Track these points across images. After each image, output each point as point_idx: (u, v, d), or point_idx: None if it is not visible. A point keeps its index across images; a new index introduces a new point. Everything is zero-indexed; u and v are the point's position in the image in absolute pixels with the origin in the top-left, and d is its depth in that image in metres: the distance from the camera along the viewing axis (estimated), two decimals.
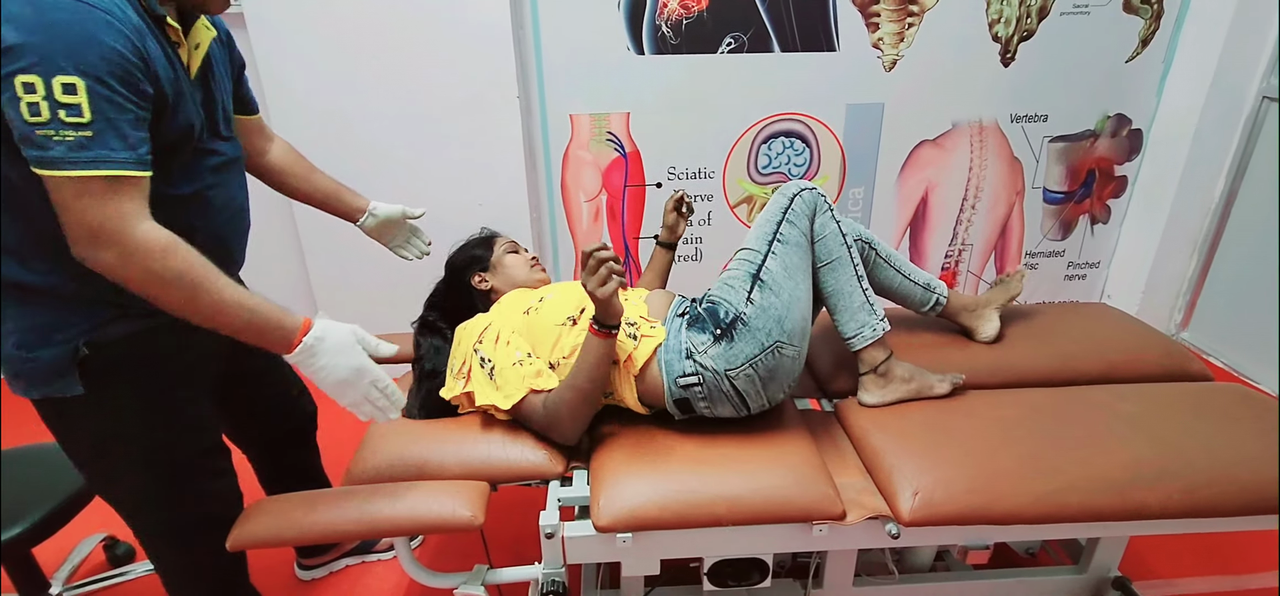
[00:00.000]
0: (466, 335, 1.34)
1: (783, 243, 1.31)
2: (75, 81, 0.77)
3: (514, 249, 1.56)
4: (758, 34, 2.23)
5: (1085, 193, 2.63)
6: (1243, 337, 2.46)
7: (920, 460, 1.18)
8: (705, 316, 1.29)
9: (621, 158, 2.41)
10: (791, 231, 1.33)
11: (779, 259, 1.30)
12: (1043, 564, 1.65)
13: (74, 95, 0.77)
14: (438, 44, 2.10)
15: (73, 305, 0.94)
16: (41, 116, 0.76)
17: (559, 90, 2.29)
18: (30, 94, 0.75)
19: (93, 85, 0.78)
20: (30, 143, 0.78)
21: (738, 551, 1.21)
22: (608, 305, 1.13)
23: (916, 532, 1.15)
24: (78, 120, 0.78)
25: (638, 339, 1.29)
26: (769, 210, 1.36)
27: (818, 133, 2.42)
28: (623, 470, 1.16)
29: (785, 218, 1.33)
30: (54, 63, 0.76)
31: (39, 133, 0.77)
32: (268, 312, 0.95)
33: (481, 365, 1.27)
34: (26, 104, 0.76)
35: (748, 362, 1.23)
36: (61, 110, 0.77)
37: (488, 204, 2.31)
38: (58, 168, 0.78)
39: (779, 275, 1.28)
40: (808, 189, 1.36)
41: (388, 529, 1.11)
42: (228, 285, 0.91)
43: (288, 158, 1.37)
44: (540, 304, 1.34)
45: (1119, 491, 1.12)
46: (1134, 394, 1.38)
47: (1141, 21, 2.32)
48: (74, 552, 1.68)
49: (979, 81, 2.37)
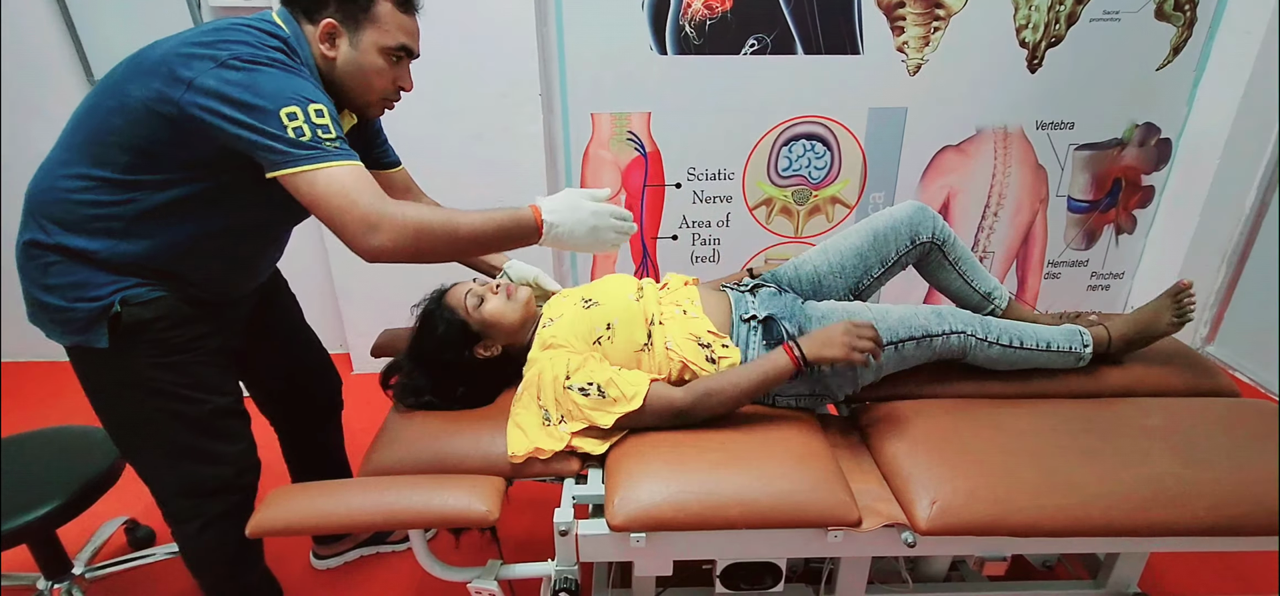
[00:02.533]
0: (547, 384, 1.24)
1: (900, 353, 1.34)
2: (323, 108, 0.99)
3: (481, 295, 1.37)
4: (781, 35, 2.22)
5: (1110, 202, 2.59)
6: (1271, 353, 2.41)
7: (938, 469, 1.17)
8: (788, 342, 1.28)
9: (641, 157, 2.41)
10: (917, 351, 1.35)
11: (886, 357, 1.33)
12: (1060, 577, 1.63)
13: (324, 117, 0.99)
14: (461, 41, 2.12)
15: (107, 269, 1.06)
16: (306, 136, 0.97)
17: (581, 89, 2.29)
18: (293, 120, 0.96)
19: (330, 112, 1.01)
20: (301, 149, 0.96)
21: (751, 555, 1.21)
22: (835, 363, 1.20)
23: (933, 542, 1.14)
24: (329, 135, 0.99)
25: (716, 362, 1.28)
26: (917, 315, 1.36)
27: (839, 136, 2.41)
28: (638, 470, 1.16)
29: (923, 340, 1.34)
30: (306, 98, 0.98)
31: (306, 143, 0.97)
32: (508, 218, 1.12)
33: (584, 394, 1.21)
34: (293, 129, 0.96)
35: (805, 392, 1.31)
36: (319, 128, 0.98)
37: (508, 201, 2.31)
38: (331, 160, 0.98)
39: (876, 365, 1.32)
40: (966, 333, 1.35)
41: (403, 521, 1.12)
42: (467, 213, 1.08)
43: None
44: (609, 333, 1.30)
45: (1141, 508, 1.10)
46: (1159, 408, 1.35)
47: (1173, 29, 2.28)
48: (96, 534, 1.71)
49: (1004, 87, 2.34)
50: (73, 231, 1.05)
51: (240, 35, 1.01)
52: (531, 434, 1.22)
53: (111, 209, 1.04)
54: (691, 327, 1.31)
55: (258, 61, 0.98)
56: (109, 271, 1.06)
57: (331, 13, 1.09)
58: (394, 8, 1.12)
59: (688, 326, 1.32)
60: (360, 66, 1.12)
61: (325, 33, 1.09)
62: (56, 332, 1.11)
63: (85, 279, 1.06)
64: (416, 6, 1.17)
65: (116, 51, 2.36)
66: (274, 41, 1.03)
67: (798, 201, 2.52)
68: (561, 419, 1.23)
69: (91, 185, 1.04)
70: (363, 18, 1.10)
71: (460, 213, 1.08)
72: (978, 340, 1.36)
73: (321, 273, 2.49)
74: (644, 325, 1.31)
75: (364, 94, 1.16)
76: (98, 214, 1.04)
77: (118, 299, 1.06)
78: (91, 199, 1.04)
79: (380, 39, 1.12)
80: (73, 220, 1.05)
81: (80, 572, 1.58)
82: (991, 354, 1.37)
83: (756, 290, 1.45)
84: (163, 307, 1.10)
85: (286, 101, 0.96)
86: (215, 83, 0.96)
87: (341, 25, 1.10)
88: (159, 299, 1.10)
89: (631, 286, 1.42)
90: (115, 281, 1.07)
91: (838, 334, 1.20)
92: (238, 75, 0.96)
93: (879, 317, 1.33)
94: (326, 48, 1.10)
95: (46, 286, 1.07)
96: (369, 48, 1.12)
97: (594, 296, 1.39)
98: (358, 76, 1.13)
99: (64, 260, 1.06)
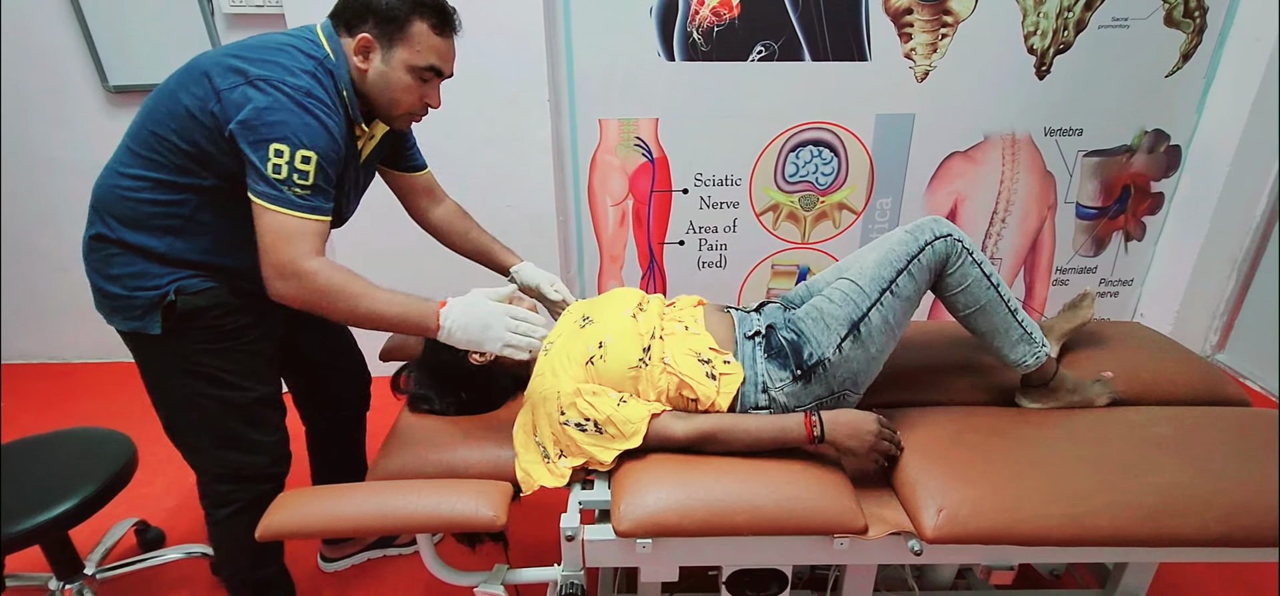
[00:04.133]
0: (542, 419, 1.23)
1: (895, 294, 1.24)
2: (311, 156, 1.06)
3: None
4: (789, 42, 2.22)
5: (1120, 208, 2.58)
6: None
7: (946, 477, 1.17)
8: (787, 350, 1.26)
9: (649, 163, 2.42)
10: (908, 284, 1.25)
11: (884, 311, 1.24)
12: (1067, 586, 1.63)
13: (308, 165, 1.06)
14: (470, 46, 2.10)
15: (165, 262, 1.16)
16: (282, 175, 1.05)
17: (589, 94, 2.30)
18: (278, 158, 1.04)
19: (319, 161, 1.08)
20: (268, 185, 1.05)
21: (757, 561, 1.21)
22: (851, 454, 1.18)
23: (940, 550, 1.13)
24: (305, 183, 1.07)
25: (717, 379, 1.24)
26: (892, 247, 1.26)
27: (846, 142, 2.41)
28: (644, 476, 1.16)
29: (908, 267, 1.24)
30: (299, 142, 1.05)
31: (277, 181, 1.05)
32: (412, 306, 1.15)
33: (582, 430, 1.19)
34: (273, 165, 1.04)
35: (815, 401, 1.25)
36: (296, 174, 1.06)
37: (515, 206, 2.34)
38: (286, 206, 1.06)
39: (877, 329, 1.24)
40: (942, 238, 1.25)
41: (411, 525, 1.13)
42: (378, 292, 1.13)
43: (449, 218, 1.55)
44: (601, 351, 1.24)
45: (1150, 517, 1.09)
46: (1167, 417, 1.34)
47: (1183, 35, 2.27)
48: (107, 535, 1.73)
49: (1012, 94, 2.34)
50: (133, 228, 1.15)
51: (276, 56, 1.10)
52: (534, 474, 1.22)
53: (168, 208, 1.14)
54: (692, 344, 1.28)
55: (281, 87, 1.06)
56: (166, 264, 1.16)
57: (369, 28, 1.15)
58: (429, 29, 1.17)
59: (688, 343, 1.28)
60: (388, 81, 1.19)
61: (360, 46, 1.16)
62: (117, 319, 1.20)
63: (144, 269, 1.16)
64: (454, 29, 1.22)
65: (132, 56, 2.41)
66: (308, 64, 1.11)
67: (805, 207, 2.52)
68: (561, 454, 1.21)
69: (148, 185, 1.13)
70: (397, 35, 1.16)
71: (371, 293, 1.12)
72: (963, 248, 1.25)
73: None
74: (639, 344, 1.26)
75: (390, 108, 1.22)
76: (155, 212, 1.14)
77: (173, 288, 1.16)
78: (149, 198, 1.13)
79: (411, 57, 1.17)
80: (133, 218, 1.14)
81: (91, 573, 1.59)
82: (970, 274, 1.26)
83: (762, 308, 1.43)
84: (213, 297, 1.19)
85: (281, 138, 1.05)
86: (239, 97, 1.05)
87: (377, 41, 1.16)
88: (210, 289, 1.19)
89: (632, 303, 1.37)
90: (172, 273, 1.16)
91: (868, 429, 1.17)
92: (257, 96, 1.05)
93: (859, 274, 1.27)
94: (360, 61, 1.17)
95: (109, 276, 1.17)
96: (398, 65, 1.17)
97: (592, 314, 1.36)
98: (385, 90, 1.20)
99: (125, 253, 1.16)
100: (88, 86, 2.38)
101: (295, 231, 1.07)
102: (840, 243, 2.58)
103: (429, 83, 1.22)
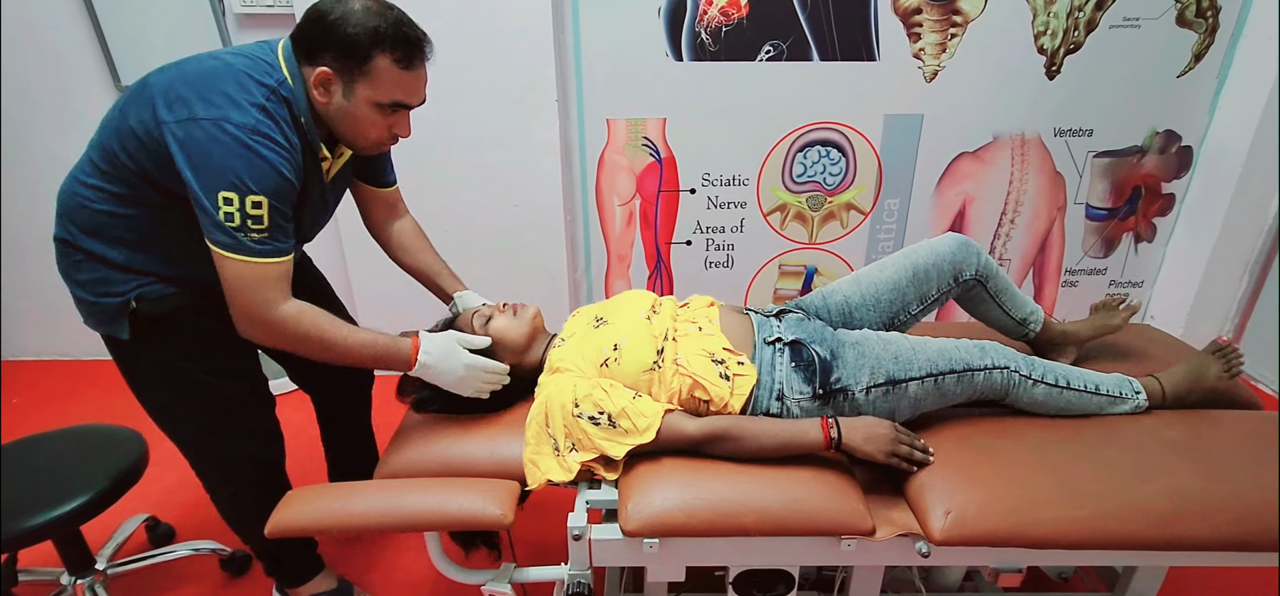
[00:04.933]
0: (555, 412, 1.21)
1: (939, 386, 1.26)
2: (262, 200, 1.04)
3: (489, 314, 1.37)
4: (797, 42, 2.22)
5: (1130, 210, 2.57)
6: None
7: (954, 479, 1.16)
8: (816, 367, 1.25)
9: (656, 163, 2.42)
10: (955, 386, 1.27)
11: (924, 390, 1.25)
12: (1076, 589, 1.62)
13: (260, 209, 1.04)
14: (478, 45, 2.14)
15: (124, 271, 1.15)
16: (235, 222, 1.03)
17: (597, 94, 2.30)
18: (228, 205, 1.02)
19: (271, 203, 1.05)
20: (222, 233, 1.03)
21: (764, 562, 1.21)
22: (870, 459, 1.17)
23: (948, 552, 1.13)
24: (259, 227, 1.05)
25: (730, 380, 1.24)
26: (958, 348, 1.28)
27: (854, 143, 2.40)
28: (652, 475, 1.17)
29: (964, 374, 1.26)
30: (248, 187, 1.02)
31: (231, 229, 1.03)
32: (386, 345, 1.19)
33: (595, 423, 1.17)
34: (224, 212, 1.02)
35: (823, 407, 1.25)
36: (249, 219, 1.03)
37: (523, 205, 2.34)
38: (244, 254, 1.05)
39: (908, 399, 1.26)
40: (1000, 368, 1.27)
41: (418, 524, 1.13)
42: (350, 332, 1.15)
43: (404, 236, 1.51)
44: (617, 354, 1.25)
45: (1162, 521, 1.09)
46: (1178, 419, 1.33)
47: (1195, 36, 2.26)
48: (118, 531, 1.74)
49: (1022, 94, 2.33)
50: (92, 237, 1.14)
51: (225, 86, 1.05)
52: (542, 465, 1.21)
53: (124, 221, 1.13)
54: (706, 344, 1.28)
55: (224, 126, 1.02)
56: (127, 272, 1.15)
57: (328, 62, 1.09)
58: (393, 64, 1.10)
59: (702, 343, 1.28)
60: (351, 115, 1.14)
61: (319, 80, 1.10)
62: (91, 322, 1.20)
63: (106, 276, 1.15)
64: (423, 59, 1.14)
65: (144, 55, 2.42)
66: (258, 95, 1.06)
67: (812, 207, 2.52)
68: (572, 447, 1.20)
69: (104, 197, 1.12)
70: (357, 70, 1.09)
71: (342, 336, 1.15)
72: (1021, 377, 1.28)
73: (339, 273, 2.51)
74: (654, 345, 1.26)
75: (354, 139, 1.19)
76: (112, 223, 1.13)
77: (134, 296, 1.15)
78: (106, 209, 1.12)
79: (373, 94, 1.12)
80: (92, 227, 1.13)
81: (103, 568, 1.60)
82: (1036, 394, 1.30)
83: (782, 315, 1.41)
84: (177, 302, 1.18)
85: (228, 185, 1.01)
86: (182, 133, 1.02)
87: (336, 75, 1.10)
88: (172, 295, 1.18)
89: (646, 304, 1.38)
90: (134, 279, 1.15)
91: (884, 433, 1.17)
92: (201, 135, 1.01)
93: (918, 348, 1.28)
94: (319, 93, 1.11)
95: (76, 280, 1.17)
96: (361, 101, 1.12)
97: (606, 315, 1.37)
98: (349, 124, 1.15)
99: (88, 260, 1.15)
100: (100, 85, 2.40)
101: (256, 279, 1.07)
102: (848, 243, 2.58)
103: (397, 114, 1.17)
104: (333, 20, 1.06)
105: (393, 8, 1.10)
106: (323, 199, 1.27)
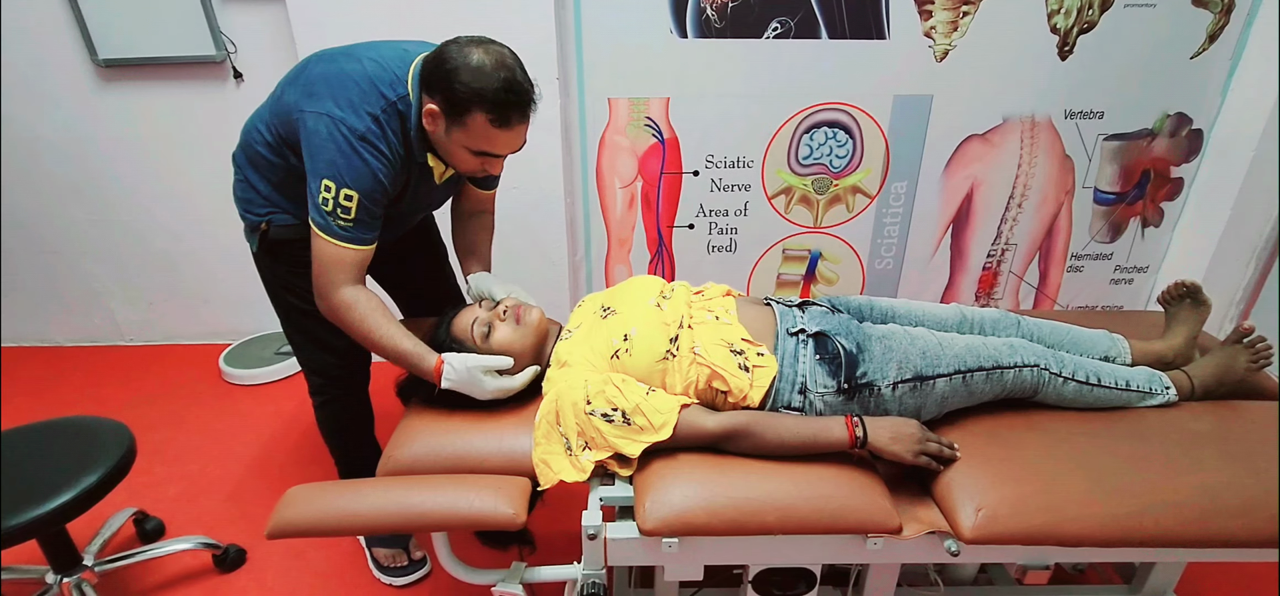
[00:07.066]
0: (566, 409, 1.17)
1: (967, 384, 1.23)
2: (354, 194, 1.19)
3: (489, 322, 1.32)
4: (805, 19, 2.15)
5: (1138, 194, 2.53)
6: None
7: (982, 475, 1.12)
8: (842, 360, 1.20)
9: (659, 144, 2.36)
10: (983, 384, 1.23)
11: (951, 387, 1.22)
12: (1091, 582, 1.60)
13: (351, 201, 1.19)
14: (477, 23, 2.04)
15: (264, 201, 1.38)
16: (328, 207, 1.19)
17: (599, 73, 2.23)
18: (326, 192, 1.18)
19: (362, 200, 1.20)
20: (317, 212, 1.21)
21: (786, 561, 1.17)
22: (897, 460, 1.13)
23: (977, 550, 1.09)
24: (347, 217, 1.20)
25: (750, 371, 1.19)
26: (989, 344, 1.26)
27: (862, 124, 2.34)
28: (669, 472, 1.12)
29: (991, 372, 1.23)
30: (345, 182, 1.18)
31: (324, 212, 1.20)
32: (413, 354, 1.26)
33: (608, 420, 1.13)
34: (322, 196, 1.19)
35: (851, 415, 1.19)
36: (340, 208, 1.19)
37: (523, 186, 2.27)
38: (329, 235, 1.21)
39: (934, 396, 1.22)
40: (1030, 366, 1.24)
41: (427, 523, 1.08)
42: (389, 331, 1.25)
43: (473, 221, 1.60)
44: (627, 344, 1.21)
45: (1199, 518, 1.05)
46: (1206, 411, 1.31)
47: (1210, 16, 2.21)
48: (105, 526, 1.68)
49: (1034, 75, 2.27)
50: (251, 167, 1.37)
51: (351, 91, 1.20)
52: (555, 465, 1.16)
53: (270, 165, 1.33)
54: (724, 334, 1.22)
55: (340, 126, 1.18)
56: (266, 202, 1.37)
57: (437, 101, 1.19)
58: (488, 122, 1.18)
59: (720, 332, 1.23)
60: (447, 148, 1.26)
61: (428, 113, 1.21)
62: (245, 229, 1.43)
63: (251, 198, 1.39)
64: (522, 120, 1.22)
65: (122, 35, 2.33)
66: (378, 105, 1.20)
67: (818, 190, 2.46)
68: (584, 446, 1.15)
69: (263, 142, 1.32)
70: (456, 119, 1.19)
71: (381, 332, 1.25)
72: (1052, 375, 1.26)
73: None
74: (666, 333, 1.22)
75: (451, 164, 1.31)
76: (263, 164, 1.34)
77: (266, 220, 1.37)
78: (262, 152, 1.33)
79: (467, 141, 1.22)
80: (252, 159, 1.36)
81: (90, 565, 1.54)
82: (1066, 391, 1.27)
83: (805, 308, 1.35)
84: (295, 233, 1.34)
85: (330, 175, 1.18)
86: (311, 123, 1.19)
87: (441, 113, 1.20)
88: (293, 227, 1.36)
89: (654, 290, 1.33)
90: (269, 208, 1.37)
91: (911, 432, 1.13)
92: (322, 130, 1.18)
93: (946, 344, 1.24)
94: (427, 120, 1.22)
95: (237, 196, 1.42)
96: (457, 142, 1.23)
97: (613, 303, 1.32)
98: (446, 152, 1.28)
99: (243, 182, 1.39)
100: (77, 61, 2.30)
101: (334, 260, 1.22)
102: (854, 227, 2.53)
103: (489, 158, 1.26)
104: (448, 69, 1.16)
105: (506, 66, 1.17)
106: (429, 196, 1.45)
